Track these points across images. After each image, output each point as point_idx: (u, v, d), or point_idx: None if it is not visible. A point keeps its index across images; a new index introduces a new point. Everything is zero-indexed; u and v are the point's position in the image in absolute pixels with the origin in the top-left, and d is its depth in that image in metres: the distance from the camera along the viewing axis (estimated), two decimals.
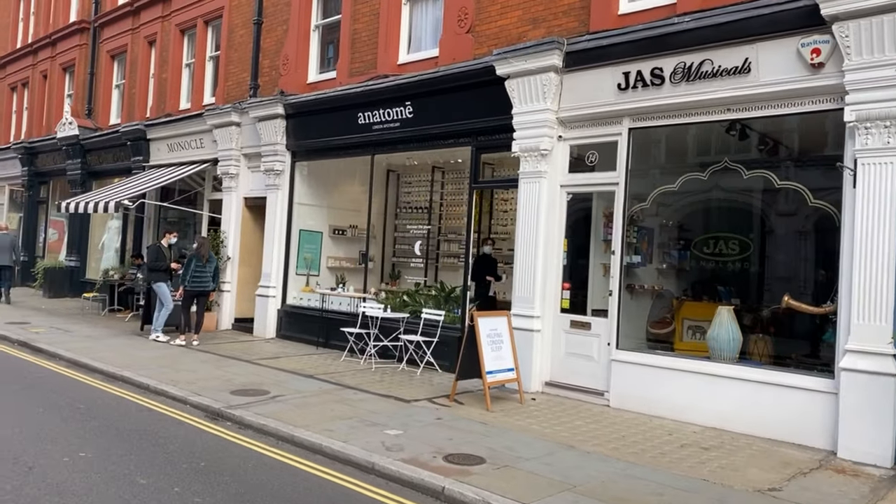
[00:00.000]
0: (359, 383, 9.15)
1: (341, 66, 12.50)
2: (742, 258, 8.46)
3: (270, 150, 13.33)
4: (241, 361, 10.54)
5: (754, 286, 8.88)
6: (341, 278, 13.55)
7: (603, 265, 9.75)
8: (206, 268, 12.13)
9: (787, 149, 8.46)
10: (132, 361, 10.05)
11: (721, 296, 10.19)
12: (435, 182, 14.14)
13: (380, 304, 11.29)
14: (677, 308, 10.20)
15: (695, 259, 9.16)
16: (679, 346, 9.63)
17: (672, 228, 10.19)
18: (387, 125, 11.41)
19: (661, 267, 10.22)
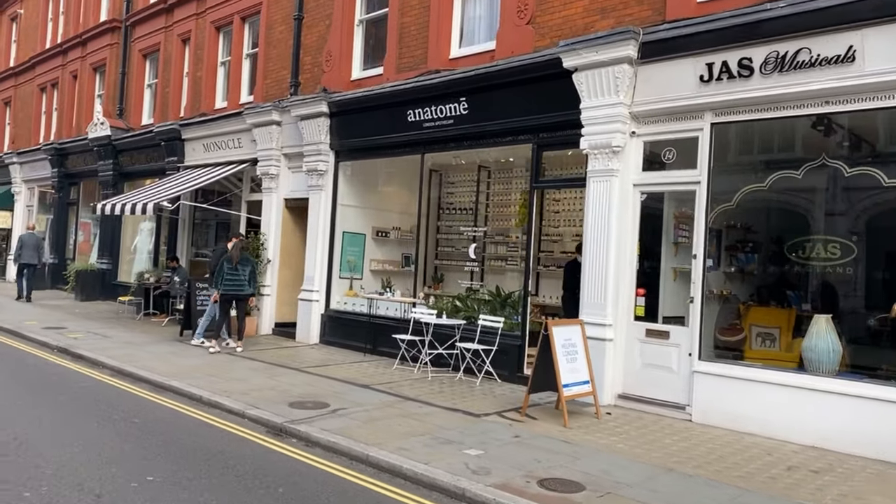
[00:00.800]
0: (419, 395, 8.64)
1: (388, 62, 12.01)
2: (843, 263, 7.84)
3: (313, 150, 12.87)
4: (289, 369, 10.08)
5: (858, 293, 8.27)
6: (387, 282, 13.07)
7: (673, 269, 9.21)
8: (238, 271, 11.55)
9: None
10: (178, 370, 9.62)
11: (791, 301, 9.63)
12: (481, 182, 13.60)
13: (431, 310, 10.78)
14: (744, 314, 9.64)
15: (788, 263, 8.53)
16: (749, 354, 9.05)
17: (740, 230, 9.63)
18: (439, 123, 10.90)
19: (728, 271, 9.64)
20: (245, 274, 11.58)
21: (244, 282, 11.55)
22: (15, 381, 8.75)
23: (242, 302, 11.88)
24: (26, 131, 25.39)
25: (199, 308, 12.77)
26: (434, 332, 10.35)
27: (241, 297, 11.71)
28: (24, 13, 26.20)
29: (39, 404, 7.49)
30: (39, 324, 13.75)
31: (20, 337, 12.43)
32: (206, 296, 12.87)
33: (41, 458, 5.63)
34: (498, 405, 8.26)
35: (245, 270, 11.59)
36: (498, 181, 13.44)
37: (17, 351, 11.16)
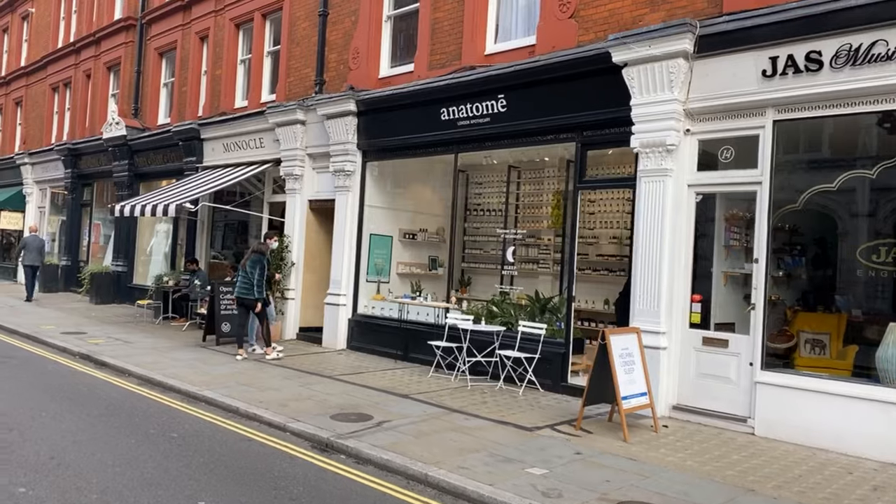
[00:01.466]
0: (463, 406, 8.24)
1: (420, 59, 11.62)
2: None
3: (340, 150, 12.49)
4: (322, 377, 9.69)
5: None
6: (417, 286, 12.68)
7: (724, 273, 8.82)
8: (246, 272, 10.95)
9: None
10: (208, 378, 9.25)
11: (839, 306, 9.24)
12: (511, 182, 13.19)
13: (467, 316, 10.37)
14: (792, 320, 9.25)
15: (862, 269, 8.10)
16: (800, 361, 8.66)
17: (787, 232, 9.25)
18: (475, 121, 10.50)
19: (776, 274, 9.24)
20: (252, 276, 10.90)
21: (250, 285, 10.92)
22: (40, 390, 8.38)
23: (249, 307, 11.13)
24: (38, 131, 25.07)
25: (222, 313, 12.40)
26: (471, 338, 9.94)
27: (247, 303, 11.07)
28: (35, 12, 25.87)
29: (70, 417, 7.10)
30: (57, 328, 13.40)
31: (38, 342, 12.07)
32: (230, 300, 12.50)
33: (82, 479, 5.24)
34: (548, 417, 7.86)
35: (253, 273, 10.91)
36: (528, 181, 13.03)
37: (37, 357, 10.79)
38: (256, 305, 10.97)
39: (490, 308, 10.83)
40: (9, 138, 27.32)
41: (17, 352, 11.12)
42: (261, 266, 10.91)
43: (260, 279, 10.81)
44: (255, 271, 10.87)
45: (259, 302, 10.95)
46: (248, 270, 10.93)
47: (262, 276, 10.89)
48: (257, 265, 10.92)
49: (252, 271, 10.89)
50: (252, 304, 10.96)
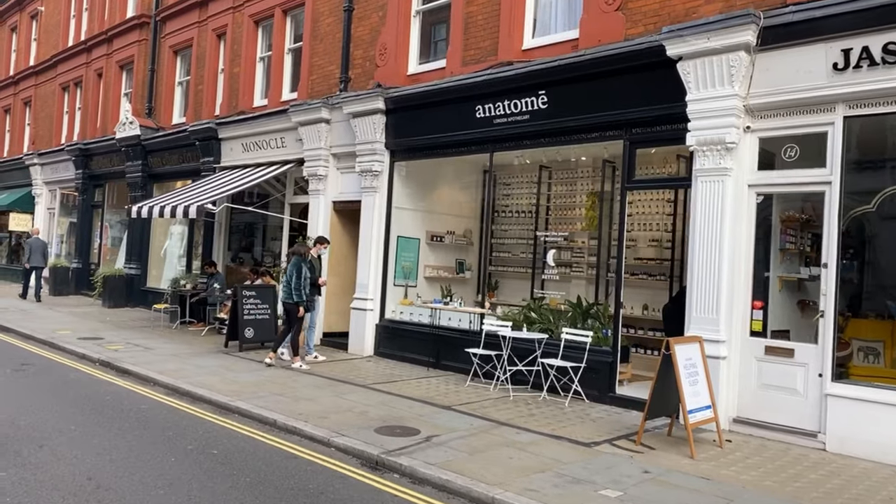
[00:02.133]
0: (510, 418, 7.80)
1: (452, 55, 11.19)
2: None
3: (368, 149, 12.06)
4: (355, 386, 9.25)
5: None
6: (447, 290, 12.24)
7: (779, 278, 8.40)
8: (286, 275, 10.67)
9: None
10: (237, 387, 8.81)
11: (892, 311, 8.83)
12: (542, 183, 12.74)
13: (505, 322, 9.93)
14: (844, 327, 8.80)
15: None
16: (854, 370, 8.24)
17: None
18: (513, 118, 10.07)
19: None
20: (291, 279, 10.53)
21: (289, 289, 10.56)
22: (65, 401, 7.94)
23: (292, 312, 10.78)
24: (47, 132, 24.68)
25: (245, 318, 11.97)
26: (510, 346, 9.50)
27: (286, 306, 10.73)
28: (44, 10, 25.50)
29: (101, 432, 6.67)
30: (73, 333, 12.97)
31: (56, 348, 11.64)
32: (253, 304, 12.08)
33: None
34: (602, 431, 7.41)
35: (291, 276, 10.55)
36: (560, 182, 12.58)
37: (56, 365, 10.36)
38: (298, 310, 10.50)
39: (527, 314, 10.38)
40: (17, 139, 26.93)
41: (35, 359, 10.69)
42: (297, 269, 10.45)
43: (297, 282, 10.36)
44: (293, 274, 10.45)
45: (299, 306, 10.49)
46: (288, 273, 10.57)
47: (300, 278, 10.42)
48: (294, 268, 10.49)
49: (290, 274, 10.50)
50: (293, 308, 10.51)
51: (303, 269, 10.45)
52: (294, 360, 10.56)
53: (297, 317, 10.54)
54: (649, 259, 11.26)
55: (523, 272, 12.91)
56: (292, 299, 10.47)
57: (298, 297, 10.44)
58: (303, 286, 10.40)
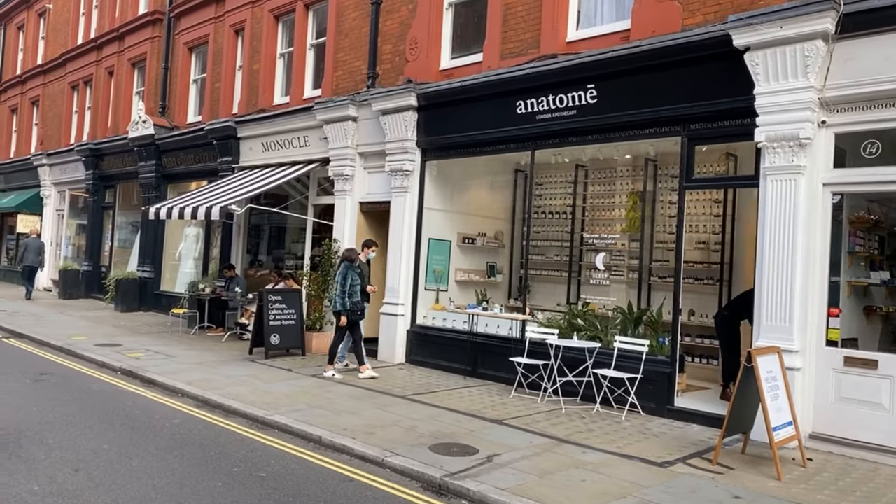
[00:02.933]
0: (569, 434, 7.27)
1: (490, 48, 10.68)
2: None
3: (398, 148, 11.54)
4: (395, 398, 8.73)
5: None
6: (483, 295, 11.72)
7: (848, 283, 7.89)
8: (337, 284, 10.19)
9: None
10: (271, 399, 8.30)
11: None
12: (578, 183, 12.23)
13: (550, 329, 9.41)
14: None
15: None
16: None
17: None
18: (557, 114, 9.55)
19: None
20: (338, 286, 10.09)
21: (334, 294, 10.14)
22: (93, 416, 7.42)
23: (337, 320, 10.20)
24: (56, 132, 24.18)
25: (271, 323, 11.45)
26: (555, 354, 8.97)
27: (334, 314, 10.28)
28: (52, 8, 25.01)
29: (137, 452, 6.14)
30: (89, 339, 12.46)
31: (73, 356, 11.13)
32: (279, 309, 11.56)
33: None
34: (671, 449, 6.88)
35: (338, 282, 10.10)
36: (598, 181, 12.08)
37: (76, 374, 9.84)
38: (340, 318, 10.00)
39: (572, 320, 9.86)
40: (24, 139, 26.43)
41: (53, 367, 10.17)
42: (343, 276, 9.94)
43: (343, 289, 9.83)
44: (339, 281, 9.97)
45: (343, 314, 9.97)
46: (336, 280, 10.09)
47: (345, 285, 9.88)
48: (341, 274, 10.00)
49: (338, 281, 10.02)
50: (339, 317, 10.04)
51: (349, 275, 9.91)
52: (362, 370, 9.99)
53: (340, 326, 10.01)
54: (696, 262, 10.74)
55: (557, 276, 12.40)
56: (336, 307, 10.01)
57: (342, 305, 9.92)
58: (347, 294, 9.85)
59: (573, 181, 12.21)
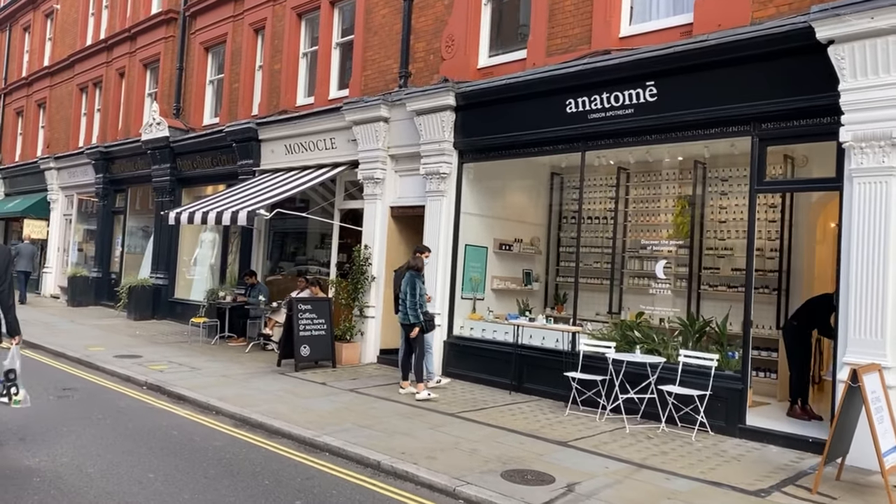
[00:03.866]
0: (643, 458, 6.71)
1: (535, 44, 10.16)
2: None
3: (434, 150, 11.01)
4: (443, 415, 8.18)
5: None
6: (525, 304, 11.18)
7: None
8: (404, 295, 9.47)
9: None
10: (313, 417, 7.73)
11: None
12: (620, 186, 11.69)
13: (606, 342, 8.85)
14: None
15: None
16: None
17: None
18: (612, 113, 9.02)
19: None
20: (407, 296, 9.40)
21: (405, 307, 9.43)
22: (128, 439, 6.84)
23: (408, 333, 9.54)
24: (64, 135, 23.61)
25: (301, 334, 10.88)
26: (613, 369, 8.42)
27: (404, 327, 9.61)
28: (60, 8, 24.46)
29: (186, 481, 5.57)
30: (106, 349, 11.89)
31: (93, 368, 10.55)
32: (309, 318, 11.00)
33: None
34: (758, 474, 6.33)
35: (406, 292, 9.42)
36: (641, 185, 11.55)
37: (100, 389, 9.26)
38: (412, 330, 9.36)
39: (626, 332, 9.30)
40: (30, 142, 25.85)
41: (74, 381, 9.59)
42: (412, 285, 9.35)
43: (413, 300, 9.28)
44: (409, 291, 9.35)
45: (415, 327, 9.35)
46: (403, 290, 9.43)
47: (415, 296, 9.32)
48: (409, 284, 9.37)
49: (405, 291, 9.39)
50: (409, 329, 9.41)
51: (417, 285, 9.33)
52: (418, 389, 9.24)
53: (412, 337, 9.38)
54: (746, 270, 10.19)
55: (597, 284, 11.85)
56: (408, 319, 9.37)
57: (415, 316, 9.31)
58: (418, 304, 9.29)
59: (615, 185, 11.68)
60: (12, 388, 5.70)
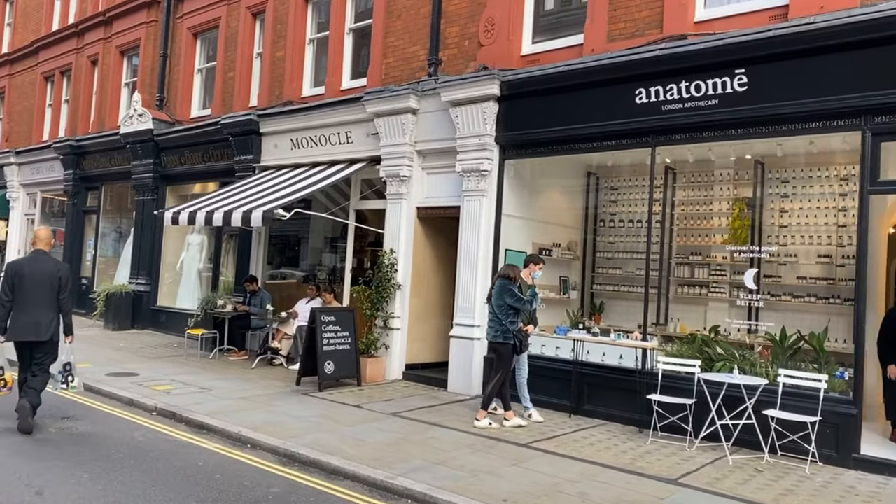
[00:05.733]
0: (776, 499, 5.78)
1: (593, 29, 9.21)
2: None
3: (474, 144, 9.96)
4: (517, 447, 7.11)
5: None
6: (576, 316, 10.19)
7: None
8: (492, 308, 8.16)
9: None
10: (372, 451, 6.58)
11: None
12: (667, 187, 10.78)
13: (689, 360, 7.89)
14: None
15: None
16: None
17: None
18: (692, 104, 8.11)
19: None
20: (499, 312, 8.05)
21: (496, 323, 8.08)
22: (169, 488, 5.53)
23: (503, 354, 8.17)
24: (26, 127, 21.79)
25: (324, 349, 9.69)
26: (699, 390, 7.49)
27: (494, 346, 8.25)
28: None
29: None
30: (94, 366, 10.47)
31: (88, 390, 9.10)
32: (333, 331, 9.81)
33: None
34: None
35: (500, 305, 8.05)
36: (689, 186, 10.68)
37: (104, 416, 7.91)
38: (505, 349, 8.01)
39: (704, 348, 8.38)
40: None
41: (71, 407, 8.20)
42: (511, 297, 7.97)
43: (505, 317, 8.05)
44: (503, 304, 7.99)
45: (511, 345, 8.03)
46: (494, 304, 8.08)
47: (503, 307, 8.04)
48: (505, 295, 7.99)
49: (498, 304, 8.03)
50: (504, 349, 8.01)
51: (508, 295, 7.98)
52: (479, 415, 8.02)
53: (503, 359, 8.06)
54: (818, 279, 9.41)
55: (639, 292, 10.93)
56: (500, 338, 8.01)
57: (504, 335, 7.99)
58: (510, 320, 8.06)
59: (662, 185, 10.78)
60: (69, 377, 7.37)
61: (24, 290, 6.93)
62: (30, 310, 6.92)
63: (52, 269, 7.14)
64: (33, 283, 6.95)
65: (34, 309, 6.93)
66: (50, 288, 7.00)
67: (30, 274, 7.00)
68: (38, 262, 7.15)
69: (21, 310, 6.92)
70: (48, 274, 7.05)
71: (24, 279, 6.95)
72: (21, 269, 7.03)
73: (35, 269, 7.05)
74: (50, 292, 6.99)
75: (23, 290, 6.93)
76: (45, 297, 6.97)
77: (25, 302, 6.92)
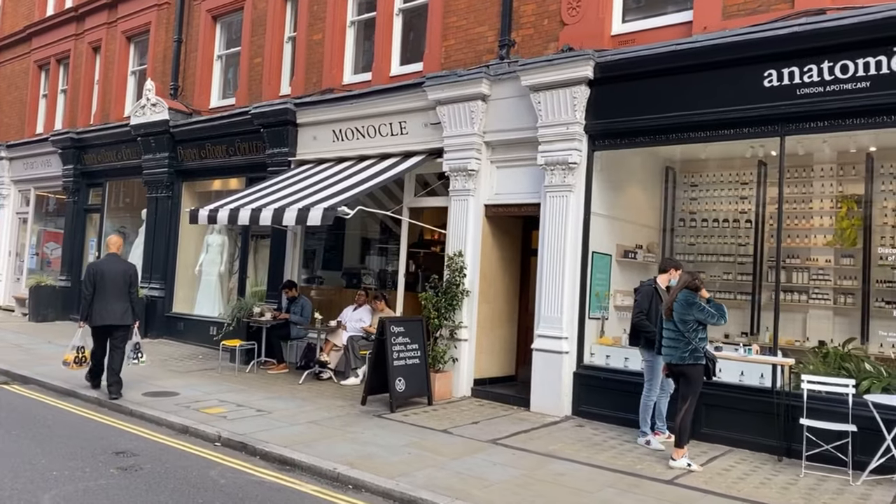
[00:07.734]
0: None
1: (705, 5, 8.19)
2: None
3: (560, 134, 8.89)
4: (664, 484, 6.05)
5: None
6: None
7: None
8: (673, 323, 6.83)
9: None
10: (502, 496, 5.48)
11: None
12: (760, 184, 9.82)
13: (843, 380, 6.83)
14: None
15: None
16: None
17: None
18: (835, 87, 7.11)
19: None
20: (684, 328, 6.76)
21: (678, 341, 6.79)
22: None
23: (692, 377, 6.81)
24: (17, 119, 20.30)
25: (395, 364, 8.56)
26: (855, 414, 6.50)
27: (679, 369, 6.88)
28: None
29: None
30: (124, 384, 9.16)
31: (129, 415, 7.95)
32: (402, 343, 8.68)
33: None
34: None
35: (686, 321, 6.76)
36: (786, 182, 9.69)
37: (165, 450, 6.66)
38: (693, 371, 6.72)
39: (843, 364, 7.39)
40: None
41: (118, 437, 6.93)
42: (700, 311, 6.70)
43: (694, 334, 6.83)
44: (690, 320, 6.72)
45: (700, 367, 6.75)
46: (676, 319, 6.79)
47: (697, 326, 6.78)
48: (692, 309, 6.72)
49: (683, 321, 6.75)
50: (691, 371, 6.73)
51: (694, 310, 6.70)
52: (676, 455, 6.67)
53: (698, 383, 6.80)
54: None
55: (730, 298, 9.97)
56: (690, 359, 6.72)
57: (693, 355, 6.71)
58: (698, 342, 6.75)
59: (755, 181, 9.83)
60: (139, 353, 8.93)
61: (104, 285, 8.54)
62: (109, 301, 8.55)
63: (125, 268, 8.93)
64: (111, 280, 8.58)
65: (112, 300, 8.57)
66: (123, 283, 8.66)
67: (108, 272, 8.64)
68: (112, 263, 8.88)
69: (102, 301, 8.53)
70: (121, 272, 8.76)
71: (104, 276, 8.58)
72: (101, 269, 8.69)
73: (111, 269, 8.73)
74: (123, 287, 8.65)
75: (103, 286, 8.53)
76: (120, 291, 8.62)
77: (105, 295, 8.54)
